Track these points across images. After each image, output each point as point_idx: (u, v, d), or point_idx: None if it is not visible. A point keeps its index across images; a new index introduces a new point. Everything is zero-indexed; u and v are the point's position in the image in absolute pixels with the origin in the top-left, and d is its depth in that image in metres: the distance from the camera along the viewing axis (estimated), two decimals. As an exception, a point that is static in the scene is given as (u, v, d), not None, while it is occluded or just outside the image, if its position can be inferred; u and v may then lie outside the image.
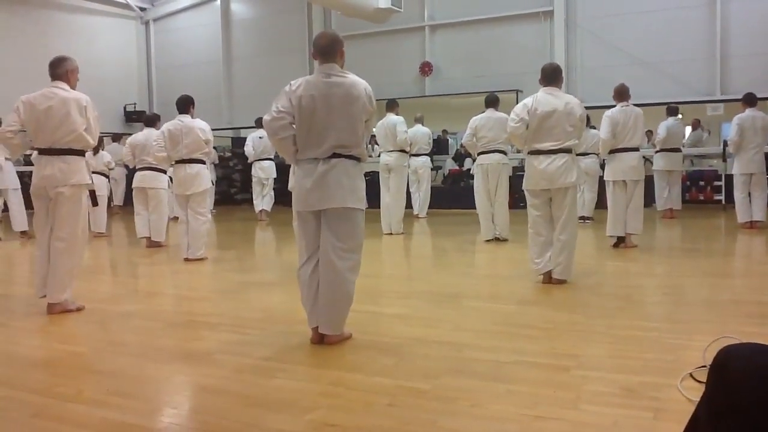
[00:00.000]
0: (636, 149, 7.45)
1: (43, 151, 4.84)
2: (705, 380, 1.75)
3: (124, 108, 16.90)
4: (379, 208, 9.32)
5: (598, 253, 7.44)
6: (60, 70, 4.94)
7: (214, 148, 18.07)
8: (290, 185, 6.08)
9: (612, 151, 7.45)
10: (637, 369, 3.28)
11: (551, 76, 5.53)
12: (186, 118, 7.15)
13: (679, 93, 12.02)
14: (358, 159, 3.84)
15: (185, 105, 7.22)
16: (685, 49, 12.04)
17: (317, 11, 15.20)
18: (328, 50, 3.81)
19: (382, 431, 2.63)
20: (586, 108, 8.47)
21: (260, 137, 11.64)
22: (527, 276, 5.68)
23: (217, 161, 14.41)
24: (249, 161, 12.12)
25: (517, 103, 12.83)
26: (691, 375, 3.05)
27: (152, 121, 8.90)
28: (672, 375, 3.08)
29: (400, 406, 2.86)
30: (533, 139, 5.38)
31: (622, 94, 7.56)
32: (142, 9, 17.49)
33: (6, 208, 9.70)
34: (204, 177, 7.25)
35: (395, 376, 3.26)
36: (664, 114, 10.60)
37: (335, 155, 3.73)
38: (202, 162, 7.23)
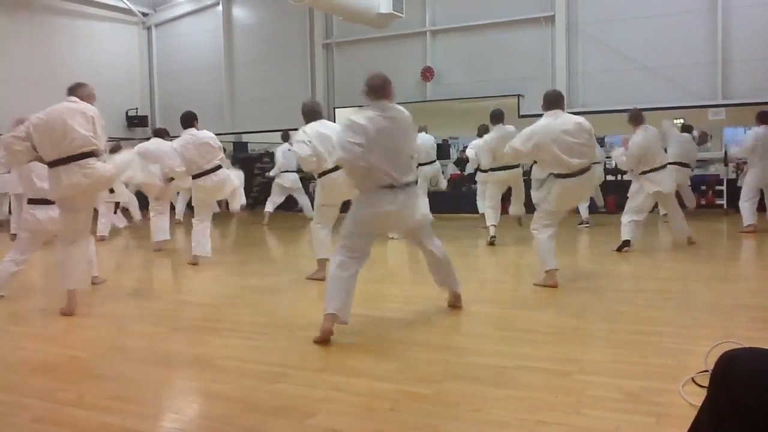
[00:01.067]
0: (665, 166, 7.58)
1: (57, 162, 4.87)
2: (707, 385, 1.75)
3: (126, 113, 16.93)
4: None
5: (600, 257, 7.44)
6: (80, 92, 5.13)
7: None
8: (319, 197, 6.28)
9: (644, 172, 7.54)
10: (638, 374, 3.28)
11: (555, 101, 5.57)
12: (193, 131, 7.33)
13: (681, 98, 12.02)
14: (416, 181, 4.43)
15: (190, 120, 7.40)
16: (687, 54, 12.02)
17: (319, 17, 15.20)
18: (381, 90, 4.22)
19: (383, 436, 2.63)
20: (588, 113, 8.51)
21: (288, 149, 11.96)
22: (529, 280, 5.68)
23: None
24: (278, 171, 12.30)
25: (519, 108, 12.96)
26: (693, 380, 3.05)
27: (162, 133, 9.13)
28: (674, 380, 3.07)
29: (401, 411, 2.86)
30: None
31: (638, 118, 7.60)
32: (144, 14, 17.49)
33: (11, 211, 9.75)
34: (230, 178, 7.55)
35: (397, 380, 3.26)
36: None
37: (407, 184, 4.24)
38: (221, 167, 7.46)
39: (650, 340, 3.96)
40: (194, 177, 7.34)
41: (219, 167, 7.38)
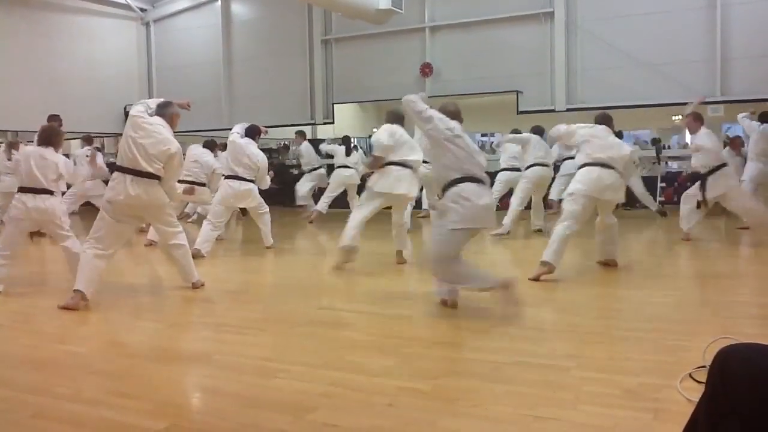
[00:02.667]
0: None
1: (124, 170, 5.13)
2: (705, 381, 1.75)
3: (125, 108, 16.87)
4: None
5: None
6: (167, 111, 5.31)
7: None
8: (377, 186, 6.40)
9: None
10: (636, 370, 3.29)
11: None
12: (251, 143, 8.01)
13: (680, 95, 11.97)
14: None
15: (253, 133, 8.08)
16: (686, 50, 12.00)
17: (318, 13, 15.15)
18: (457, 115, 4.78)
19: (382, 431, 2.63)
20: (587, 109, 8.52)
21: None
22: (527, 277, 5.68)
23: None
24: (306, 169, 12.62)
25: (517, 104, 12.94)
26: (690, 376, 3.05)
27: (211, 145, 9.62)
28: (671, 376, 3.08)
29: (400, 407, 2.87)
30: None
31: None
32: (143, 10, 17.42)
33: None
34: (255, 193, 8.14)
35: (395, 376, 3.26)
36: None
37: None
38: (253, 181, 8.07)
39: (648, 337, 3.97)
40: (226, 177, 7.89)
41: (252, 180, 7.89)
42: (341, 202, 12.11)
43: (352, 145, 11.58)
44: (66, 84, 14.80)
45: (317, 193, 12.37)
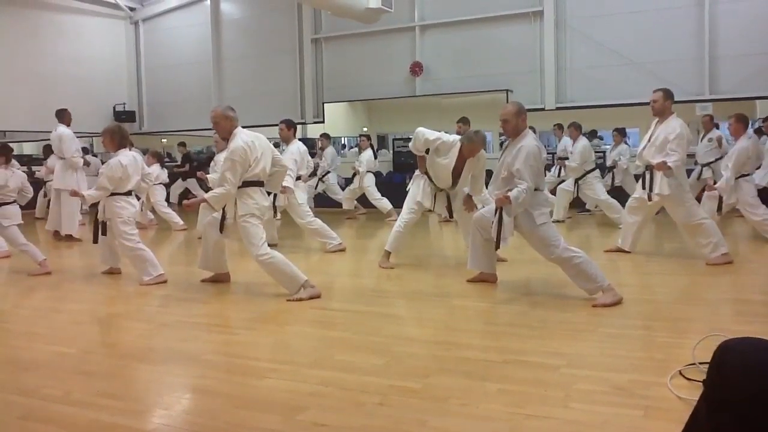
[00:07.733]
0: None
1: None
2: (695, 378, 1.76)
3: (114, 108, 16.81)
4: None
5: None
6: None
7: (200, 152, 17.91)
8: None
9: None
10: (626, 367, 3.30)
11: None
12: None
13: (668, 93, 12.06)
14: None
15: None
16: (675, 49, 12.06)
17: (307, 12, 15.13)
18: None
19: (372, 431, 2.63)
20: (576, 108, 8.53)
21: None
22: (516, 275, 5.69)
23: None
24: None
25: (507, 102, 12.94)
26: (680, 373, 3.06)
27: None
28: (662, 373, 3.09)
29: (390, 406, 2.86)
30: None
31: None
32: (132, 9, 17.34)
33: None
34: None
35: (385, 375, 3.26)
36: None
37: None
38: None
39: (638, 334, 3.98)
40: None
41: None
42: (335, 203, 12.15)
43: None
44: (54, 83, 14.71)
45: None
